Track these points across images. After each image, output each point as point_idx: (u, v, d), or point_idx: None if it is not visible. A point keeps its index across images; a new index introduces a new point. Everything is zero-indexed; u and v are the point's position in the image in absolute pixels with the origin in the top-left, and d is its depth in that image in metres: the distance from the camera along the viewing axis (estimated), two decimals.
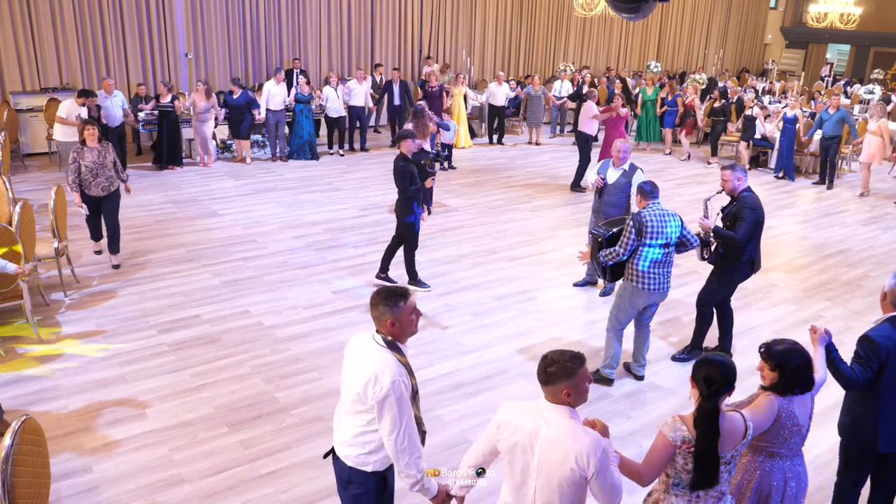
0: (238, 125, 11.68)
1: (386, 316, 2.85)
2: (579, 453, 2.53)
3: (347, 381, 2.95)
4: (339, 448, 3.03)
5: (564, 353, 2.65)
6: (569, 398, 2.62)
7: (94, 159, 6.92)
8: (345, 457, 2.99)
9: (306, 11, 14.84)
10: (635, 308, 5.31)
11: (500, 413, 2.79)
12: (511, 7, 17.98)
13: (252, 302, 6.68)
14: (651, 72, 18.36)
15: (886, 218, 10.42)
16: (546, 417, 2.63)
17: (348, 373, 2.95)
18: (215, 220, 9.04)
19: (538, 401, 2.71)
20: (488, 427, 2.83)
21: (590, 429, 2.66)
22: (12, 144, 10.86)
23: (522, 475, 2.67)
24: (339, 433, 3.04)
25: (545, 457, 2.59)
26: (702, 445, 2.74)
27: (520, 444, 2.65)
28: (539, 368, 2.68)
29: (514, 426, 2.69)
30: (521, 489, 2.70)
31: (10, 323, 6.08)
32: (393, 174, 6.79)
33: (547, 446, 2.59)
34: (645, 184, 5.25)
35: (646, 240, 5.05)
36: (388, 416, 2.77)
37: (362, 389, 2.80)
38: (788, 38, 25.24)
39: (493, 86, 14.12)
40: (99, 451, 4.49)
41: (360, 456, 2.95)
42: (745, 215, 5.34)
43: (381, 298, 2.87)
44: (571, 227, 9.30)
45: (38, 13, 11.89)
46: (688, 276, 7.48)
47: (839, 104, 11.67)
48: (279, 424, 4.83)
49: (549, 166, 12.72)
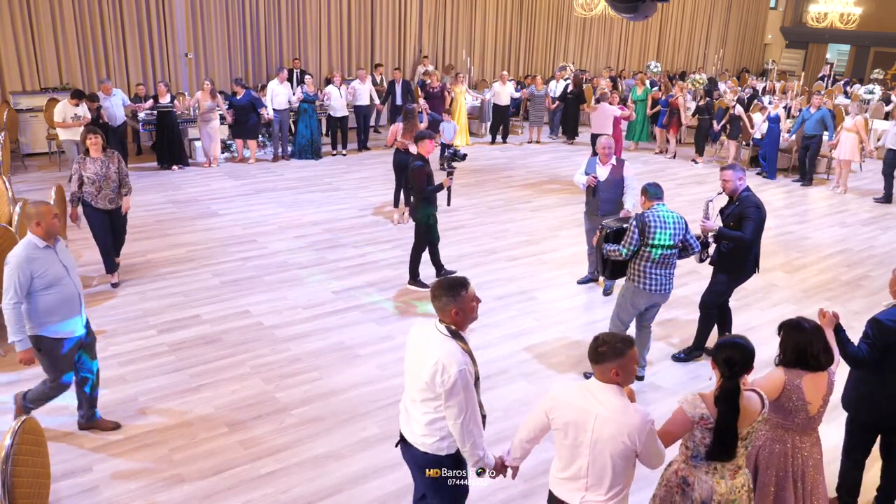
0: (242, 125, 11.65)
1: (450, 306, 2.96)
2: (630, 430, 2.74)
3: (413, 371, 3.05)
4: (410, 437, 3.15)
5: (615, 335, 2.89)
6: (617, 377, 2.82)
7: (97, 170, 6.54)
8: (419, 445, 3.11)
9: (306, 11, 14.85)
10: (636, 308, 5.30)
11: (552, 393, 2.97)
12: (511, 7, 17.99)
13: (252, 302, 6.68)
14: (651, 71, 18.37)
15: (886, 218, 10.42)
16: (598, 397, 2.82)
17: (413, 363, 3.05)
18: (215, 220, 9.04)
19: (587, 382, 2.91)
20: (538, 408, 3.02)
21: (638, 406, 2.83)
22: (12, 144, 10.87)
23: (576, 450, 2.86)
24: (408, 423, 3.15)
25: (599, 433, 2.78)
26: (722, 423, 2.91)
27: (573, 423, 2.84)
28: (590, 348, 2.90)
29: (566, 405, 2.87)
30: (574, 462, 2.89)
31: None
32: (409, 175, 6.81)
33: (601, 424, 2.77)
34: (649, 185, 5.22)
35: (648, 240, 5.04)
36: (455, 402, 2.90)
37: (430, 378, 2.91)
38: (788, 38, 25.25)
39: (497, 85, 14.09)
40: (99, 451, 4.49)
41: (434, 443, 3.07)
42: (751, 214, 5.34)
43: (442, 290, 2.98)
44: (571, 227, 9.30)
45: (38, 13, 11.89)
46: (688, 277, 7.48)
47: (820, 104, 11.79)
48: (279, 424, 4.83)
49: (549, 166, 12.72)
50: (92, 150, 6.55)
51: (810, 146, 11.82)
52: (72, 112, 9.74)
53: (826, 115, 11.66)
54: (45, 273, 4.11)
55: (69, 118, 9.70)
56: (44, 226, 4.11)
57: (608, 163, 6.83)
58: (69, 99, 9.81)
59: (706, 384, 5.58)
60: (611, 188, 6.83)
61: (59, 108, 9.77)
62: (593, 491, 2.86)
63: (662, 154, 14.03)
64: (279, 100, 11.79)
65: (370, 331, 6.22)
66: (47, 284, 4.12)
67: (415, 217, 6.98)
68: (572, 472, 2.89)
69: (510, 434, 4.73)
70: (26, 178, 10.57)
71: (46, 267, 4.12)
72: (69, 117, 9.71)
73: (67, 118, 9.69)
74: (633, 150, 14.22)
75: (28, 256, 4.05)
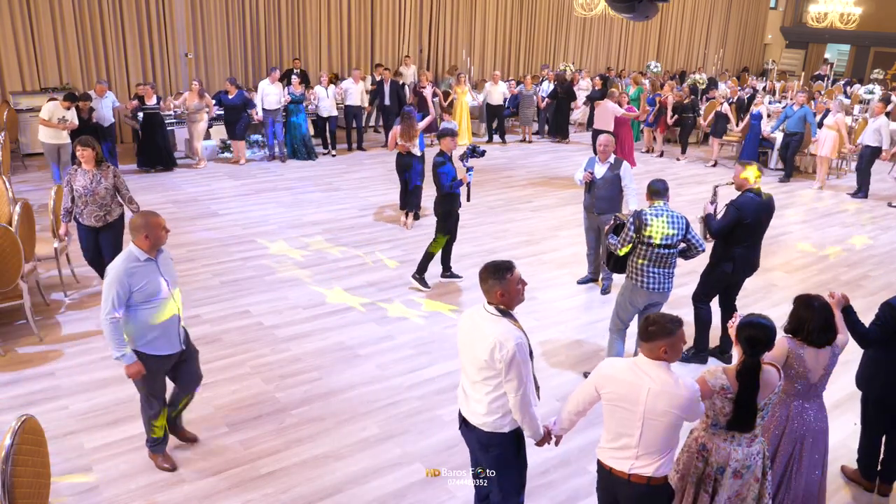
0: (233, 126, 11.59)
1: (496, 288, 3.10)
2: (681, 402, 2.95)
3: (469, 354, 3.18)
4: (472, 417, 3.26)
5: (665, 316, 3.05)
6: (665, 355, 3.00)
7: (86, 184, 6.03)
8: (481, 424, 3.21)
9: (306, 11, 14.85)
10: (636, 307, 5.29)
11: (601, 369, 3.15)
12: (511, 7, 17.99)
13: (252, 302, 6.68)
14: (651, 71, 18.38)
15: (886, 218, 10.42)
16: (648, 372, 3.00)
17: (468, 346, 3.18)
18: (215, 220, 9.04)
19: (636, 358, 3.09)
20: (587, 383, 3.20)
21: (686, 379, 3.02)
22: (12, 144, 10.87)
23: (627, 423, 3.04)
24: (468, 404, 3.27)
25: (651, 407, 2.96)
26: (742, 396, 3.16)
27: (625, 397, 3.02)
28: (641, 328, 3.08)
29: (617, 380, 3.05)
30: (625, 434, 3.06)
31: (10, 323, 6.08)
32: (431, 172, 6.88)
33: (653, 398, 2.96)
34: (657, 182, 5.21)
35: (644, 237, 5.04)
36: (515, 374, 3.04)
37: (489, 356, 3.04)
38: (788, 38, 25.25)
39: (489, 85, 14.14)
40: (99, 451, 4.49)
41: (496, 421, 3.18)
42: (728, 211, 5.45)
43: (489, 273, 3.12)
44: (571, 227, 9.30)
45: (38, 13, 11.89)
46: (688, 276, 7.47)
47: (803, 101, 11.95)
48: (279, 424, 4.83)
49: (549, 166, 12.72)
50: (84, 163, 6.07)
51: (791, 143, 12.10)
52: (60, 114, 9.42)
53: (808, 112, 11.87)
54: (145, 286, 3.90)
55: (55, 119, 9.38)
56: (151, 239, 3.92)
57: (606, 161, 6.83)
58: (62, 100, 9.52)
59: None
60: (607, 186, 6.82)
61: (49, 107, 9.44)
62: (643, 459, 3.04)
63: (650, 153, 14.13)
64: (270, 100, 11.69)
65: (370, 331, 6.22)
66: (146, 298, 3.91)
67: (436, 212, 7.02)
68: (623, 442, 3.06)
69: None
70: (26, 178, 10.58)
71: (146, 280, 3.91)
72: (56, 118, 9.38)
73: (54, 118, 9.37)
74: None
75: (127, 269, 3.86)
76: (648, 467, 3.03)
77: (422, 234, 8.73)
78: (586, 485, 4.34)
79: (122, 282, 3.83)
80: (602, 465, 3.20)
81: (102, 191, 6.09)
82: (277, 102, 11.78)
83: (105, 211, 6.16)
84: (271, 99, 11.71)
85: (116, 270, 3.85)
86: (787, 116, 12.06)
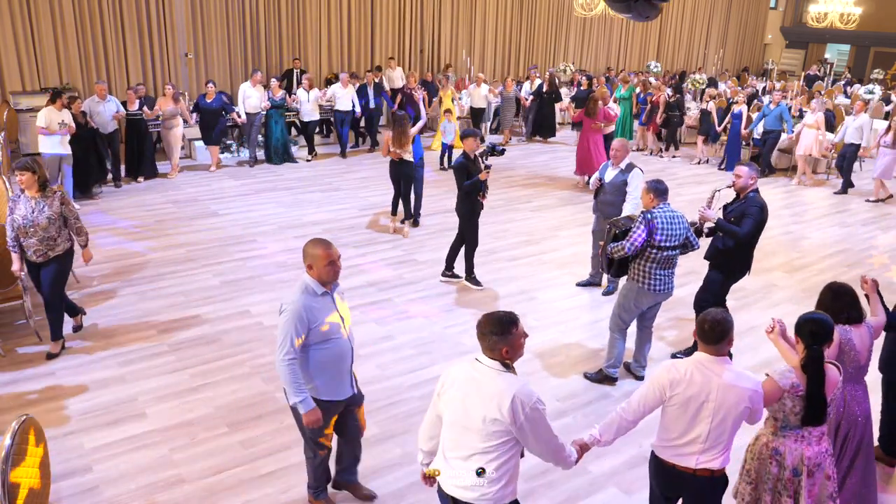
0: (210, 130, 11.14)
1: (500, 345, 2.82)
2: (751, 394, 3.08)
3: (470, 415, 2.82)
4: (467, 493, 2.86)
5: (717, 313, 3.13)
6: (728, 349, 3.16)
7: (26, 213, 5.23)
8: (480, 497, 2.84)
9: (306, 11, 14.84)
10: (640, 308, 5.29)
11: (666, 375, 3.18)
12: (511, 7, 17.99)
13: (252, 302, 6.68)
14: (651, 71, 18.39)
15: (886, 218, 10.42)
16: (714, 370, 3.10)
17: (466, 407, 2.83)
18: (215, 220, 9.04)
19: (697, 358, 3.16)
20: (651, 391, 3.21)
21: (748, 372, 3.17)
22: (12, 144, 10.87)
23: (695, 420, 3.12)
24: (458, 478, 2.87)
25: (722, 401, 3.07)
26: (812, 389, 3.24)
27: (695, 396, 3.09)
28: (703, 330, 3.12)
29: (685, 382, 3.11)
30: (692, 430, 3.13)
31: (10, 323, 6.08)
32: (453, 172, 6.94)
33: (723, 392, 3.06)
34: (658, 183, 5.18)
35: (655, 240, 5.01)
36: (543, 427, 2.83)
37: (502, 415, 2.74)
38: (788, 38, 25.26)
39: (472, 87, 13.99)
40: (99, 451, 4.49)
41: (498, 491, 2.85)
42: (753, 212, 5.34)
43: (492, 328, 2.83)
44: (572, 227, 9.30)
45: (38, 13, 11.89)
46: (687, 276, 7.47)
47: (780, 100, 12.31)
48: (279, 424, 4.83)
49: (549, 166, 12.72)
50: (25, 189, 5.26)
51: (768, 140, 12.40)
52: (58, 118, 8.70)
53: (784, 110, 12.15)
54: (322, 324, 3.49)
55: (55, 124, 8.66)
56: (316, 271, 3.49)
57: (618, 165, 6.77)
58: (53, 103, 8.80)
59: None
60: (614, 190, 6.77)
61: (44, 114, 8.69)
62: (708, 453, 3.14)
63: (641, 151, 14.22)
64: (251, 102, 11.33)
65: (370, 331, 6.22)
66: (323, 338, 3.50)
67: (458, 212, 7.06)
68: (689, 437, 3.15)
69: None
70: None
71: (323, 317, 3.50)
72: (55, 123, 8.67)
73: (53, 124, 8.65)
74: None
75: (306, 304, 3.45)
76: (714, 461, 3.14)
77: (421, 235, 8.74)
78: (586, 485, 4.35)
79: (301, 318, 3.43)
80: (663, 462, 3.27)
81: (45, 221, 5.25)
82: (258, 105, 11.44)
83: (48, 246, 5.34)
84: (252, 102, 11.36)
85: (294, 305, 3.44)
86: (763, 115, 12.39)
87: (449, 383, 2.93)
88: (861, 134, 11.43)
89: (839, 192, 11.69)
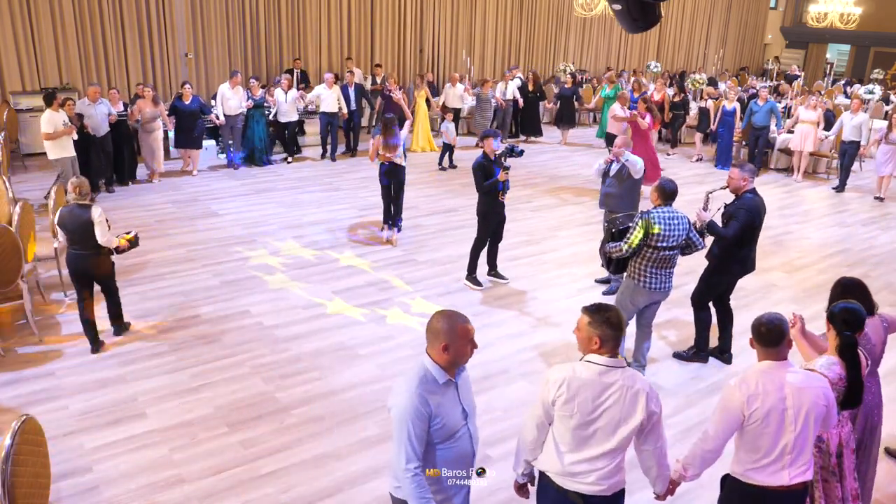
0: (189, 133, 10.88)
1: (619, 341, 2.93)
2: (825, 390, 3.05)
3: (600, 416, 2.83)
4: (590, 488, 2.90)
5: (771, 316, 3.09)
6: (788, 348, 3.09)
7: None
8: (605, 490, 2.91)
9: (306, 11, 14.84)
10: (636, 306, 5.31)
11: (738, 392, 3.02)
12: (511, 7, 17.98)
13: (252, 302, 6.68)
14: (651, 71, 18.38)
15: (886, 218, 10.42)
16: (781, 376, 3.02)
17: (595, 408, 2.83)
18: (215, 220, 9.04)
19: (760, 367, 3.07)
20: (726, 414, 3.05)
21: (814, 371, 3.21)
22: (12, 144, 10.86)
23: (778, 433, 3.00)
24: (594, 476, 2.89)
25: (799, 405, 2.98)
26: (850, 373, 3.31)
27: (773, 409, 2.98)
28: (761, 335, 3.07)
29: (761, 395, 2.99)
30: (777, 445, 3.02)
31: (10, 323, 6.08)
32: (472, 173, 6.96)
33: (797, 395, 2.98)
34: (670, 184, 5.20)
35: (652, 241, 5.03)
36: (662, 423, 2.93)
37: (638, 411, 2.84)
38: (788, 38, 25.25)
39: (448, 87, 13.80)
40: (99, 451, 4.49)
41: (620, 477, 2.95)
42: (740, 215, 5.40)
43: (621, 324, 2.89)
44: (572, 227, 9.30)
45: (38, 13, 11.88)
46: (687, 276, 7.47)
47: (767, 97, 12.56)
48: (279, 424, 4.83)
49: (549, 166, 12.72)
50: None
51: (759, 137, 12.54)
52: (61, 119, 8.59)
53: (774, 106, 12.39)
54: (443, 420, 2.78)
55: (61, 125, 8.57)
56: (452, 352, 2.78)
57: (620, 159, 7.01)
58: (51, 105, 8.67)
59: (707, 384, 5.60)
60: (616, 183, 7.01)
61: (47, 118, 8.55)
62: (796, 464, 3.04)
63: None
64: (229, 104, 11.12)
65: (370, 331, 6.22)
66: (444, 436, 2.80)
67: (477, 212, 7.10)
68: (776, 453, 3.02)
69: (510, 434, 4.75)
70: (26, 178, 10.57)
71: (446, 411, 2.80)
72: (61, 124, 8.58)
73: (59, 125, 8.57)
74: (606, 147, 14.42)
75: (424, 397, 2.73)
76: (807, 472, 3.07)
77: (422, 235, 8.74)
78: None
79: (419, 414, 2.72)
80: (751, 486, 3.10)
81: None
82: (238, 107, 11.22)
83: None
84: (231, 104, 11.15)
85: (409, 399, 2.72)
86: (752, 112, 12.54)
87: (572, 388, 2.83)
88: (860, 132, 11.57)
89: (837, 189, 11.80)
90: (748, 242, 5.55)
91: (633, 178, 6.96)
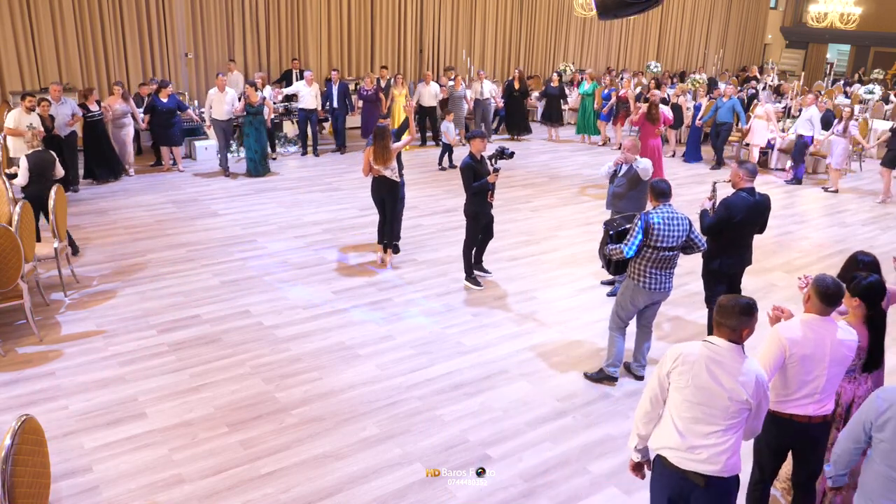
0: (168, 131, 10.88)
1: (743, 328, 3.06)
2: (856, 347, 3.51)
3: (715, 394, 3.02)
4: (711, 469, 3.04)
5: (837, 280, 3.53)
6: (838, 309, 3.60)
7: None
8: (722, 470, 3.04)
9: (306, 11, 14.84)
10: (636, 306, 5.31)
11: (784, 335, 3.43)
12: (511, 7, 17.98)
13: (252, 302, 6.68)
14: (651, 71, 18.37)
15: (886, 218, 10.42)
16: (825, 328, 3.44)
17: (711, 387, 3.02)
18: (215, 220, 9.04)
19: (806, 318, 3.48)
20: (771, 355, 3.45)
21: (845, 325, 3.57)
22: None
23: (810, 375, 3.44)
24: (707, 452, 3.04)
25: (835, 355, 3.44)
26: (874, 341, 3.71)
27: (810, 356, 3.42)
28: (827, 294, 3.44)
29: (803, 341, 3.43)
30: (807, 385, 3.47)
31: (10, 323, 6.08)
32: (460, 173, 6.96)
33: (836, 347, 3.44)
34: (662, 183, 5.22)
35: (651, 241, 5.04)
36: (764, 398, 3.11)
37: (748, 393, 3.01)
38: (788, 38, 25.25)
39: (421, 85, 13.59)
40: (99, 451, 4.49)
41: (734, 461, 3.09)
42: (719, 209, 5.57)
43: (741, 310, 3.05)
44: (571, 227, 9.30)
45: (38, 13, 11.89)
46: (687, 276, 7.48)
47: (732, 94, 12.80)
48: (279, 424, 4.83)
49: (549, 166, 12.72)
50: None
51: (721, 132, 12.77)
52: (26, 120, 8.36)
53: (736, 103, 12.65)
54: None
55: (23, 126, 8.20)
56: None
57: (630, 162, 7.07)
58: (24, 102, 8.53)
59: None
60: (625, 184, 7.06)
61: (13, 115, 8.38)
62: (822, 402, 3.50)
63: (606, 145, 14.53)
64: (218, 109, 10.91)
65: (370, 331, 6.22)
66: None
67: (465, 213, 7.11)
68: (806, 391, 3.47)
69: (510, 434, 4.76)
70: None
71: None
72: (24, 125, 8.25)
73: (22, 126, 8.29)
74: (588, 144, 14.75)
75: None
76: (826, 407, 3.51)
77: (422, 235, 8.74)
78: (586, 485, 4.35)
79: None
80: (779, 416, 3.53)
81: None
82: (228, 112, 10.94)
83: None
84: (219, 109, 10.90)
85: None
86: (717, 108, 12.70)
87: (686, 366, 3.07)
88: (811, 126, 11.78)
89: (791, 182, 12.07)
90: (730, 239, 5.62)
91: (642, 180, 6.96)
